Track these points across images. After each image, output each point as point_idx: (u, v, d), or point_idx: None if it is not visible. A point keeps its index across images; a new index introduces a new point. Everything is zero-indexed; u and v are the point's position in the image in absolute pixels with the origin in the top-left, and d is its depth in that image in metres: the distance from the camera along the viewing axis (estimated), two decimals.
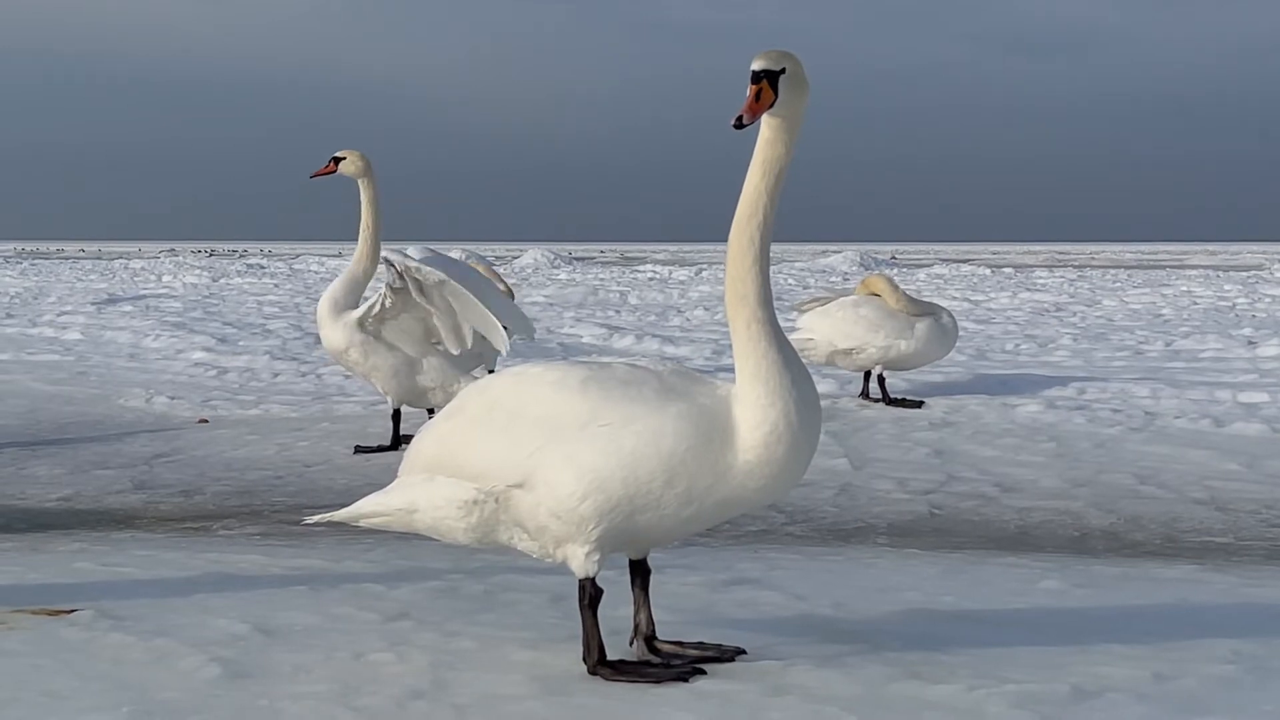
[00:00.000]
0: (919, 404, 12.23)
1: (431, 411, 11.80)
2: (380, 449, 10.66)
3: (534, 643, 5.17)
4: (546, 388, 4.69)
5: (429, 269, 10.15)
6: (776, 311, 4.70)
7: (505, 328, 10.24)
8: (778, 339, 4.60)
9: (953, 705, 4.47)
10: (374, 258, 11.03)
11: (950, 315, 12.84)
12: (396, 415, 10.79)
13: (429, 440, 4.92)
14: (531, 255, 62.17)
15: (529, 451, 4.63)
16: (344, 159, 11.27)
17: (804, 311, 13.11)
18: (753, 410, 4.52)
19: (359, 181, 11.24)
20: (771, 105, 4.55)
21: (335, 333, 10.69)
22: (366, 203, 11.17)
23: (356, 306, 10.76)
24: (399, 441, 10.69)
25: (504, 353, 10.35)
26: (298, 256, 76.60)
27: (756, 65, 4.55)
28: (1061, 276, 48.95)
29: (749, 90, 4.55)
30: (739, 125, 4.53)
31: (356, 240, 11.08)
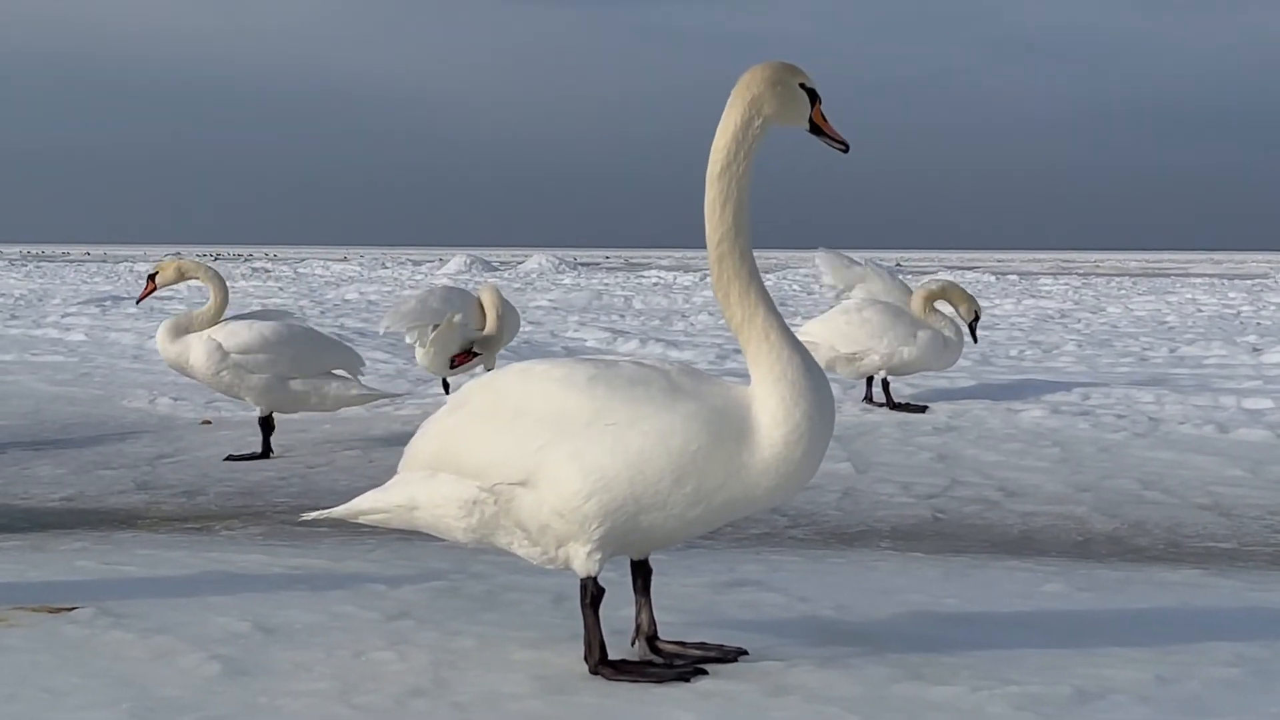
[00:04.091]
0: (923, 409, 12.21)
1: (447, 387, 11.95)
2: (253, 456, 10.59)
3: (536, 642, 5.16)
4: (552, 384, 4.66)
5: None
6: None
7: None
8: (799, 347, 4.61)
9: (955, 706, 4.46)
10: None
11: (956, 326, 12.81)
12: (266, 422, 10.75)
13: (431, 435, 4.88)
14: (536, 260, 62.13)
15: (533, 448, 4.60)
16: (157, 273, 11.31)
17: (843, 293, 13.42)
18: (777, 408, 4.51)
19: (200, 279, 11.21)
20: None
21: (199, 354, 10.80)
22: (212, 291, 11.09)
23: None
24: (269, 450, 10.67)
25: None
26: (302, 260, 76.63)
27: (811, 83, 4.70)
28: (1066, 284, 48.95)
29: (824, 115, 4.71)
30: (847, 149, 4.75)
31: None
